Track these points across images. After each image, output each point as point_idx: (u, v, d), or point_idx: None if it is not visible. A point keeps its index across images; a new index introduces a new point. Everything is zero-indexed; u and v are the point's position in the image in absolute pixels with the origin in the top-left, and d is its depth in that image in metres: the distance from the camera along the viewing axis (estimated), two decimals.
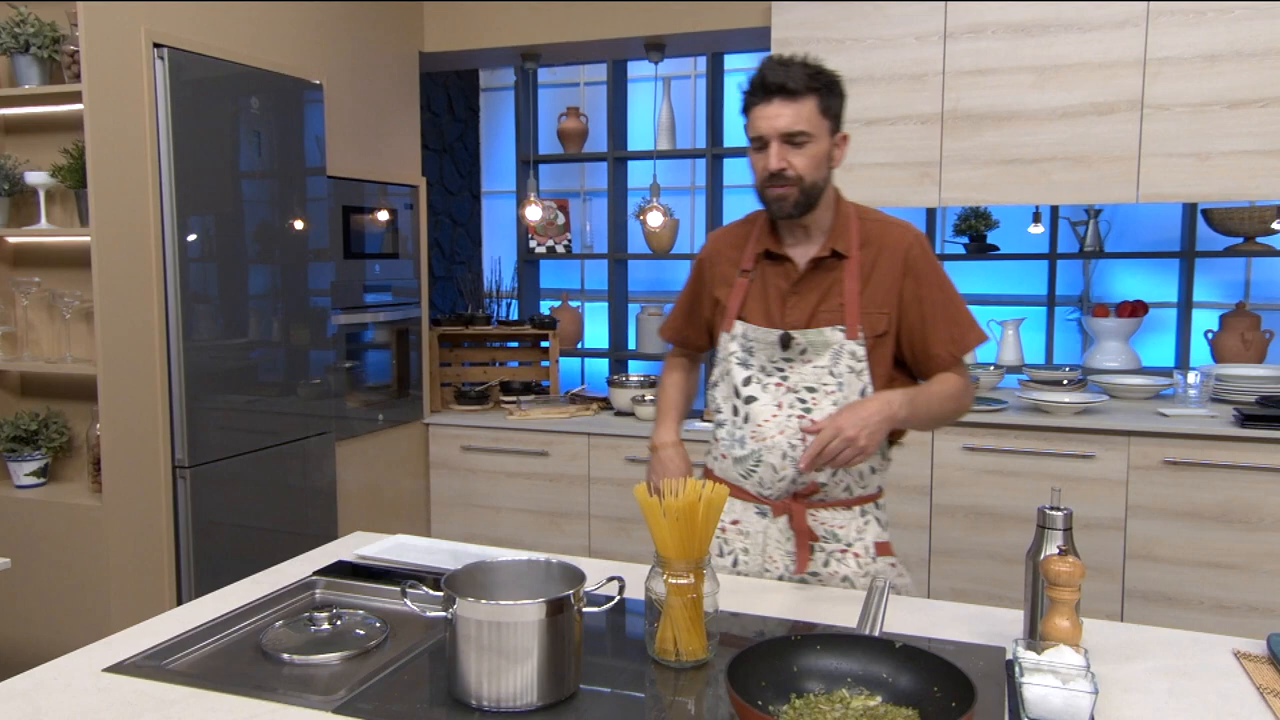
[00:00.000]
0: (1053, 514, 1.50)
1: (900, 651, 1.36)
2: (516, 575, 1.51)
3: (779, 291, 1.89)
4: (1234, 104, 3.03)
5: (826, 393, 1.84)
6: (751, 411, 1.88)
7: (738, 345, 1.91)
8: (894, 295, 1.86)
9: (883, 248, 1.87)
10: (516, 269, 4.77)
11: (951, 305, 1.89)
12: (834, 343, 1.84)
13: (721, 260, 1.98)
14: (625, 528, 3.82)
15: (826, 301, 1.86)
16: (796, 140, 1.76)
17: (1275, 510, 2.99)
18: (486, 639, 1.34)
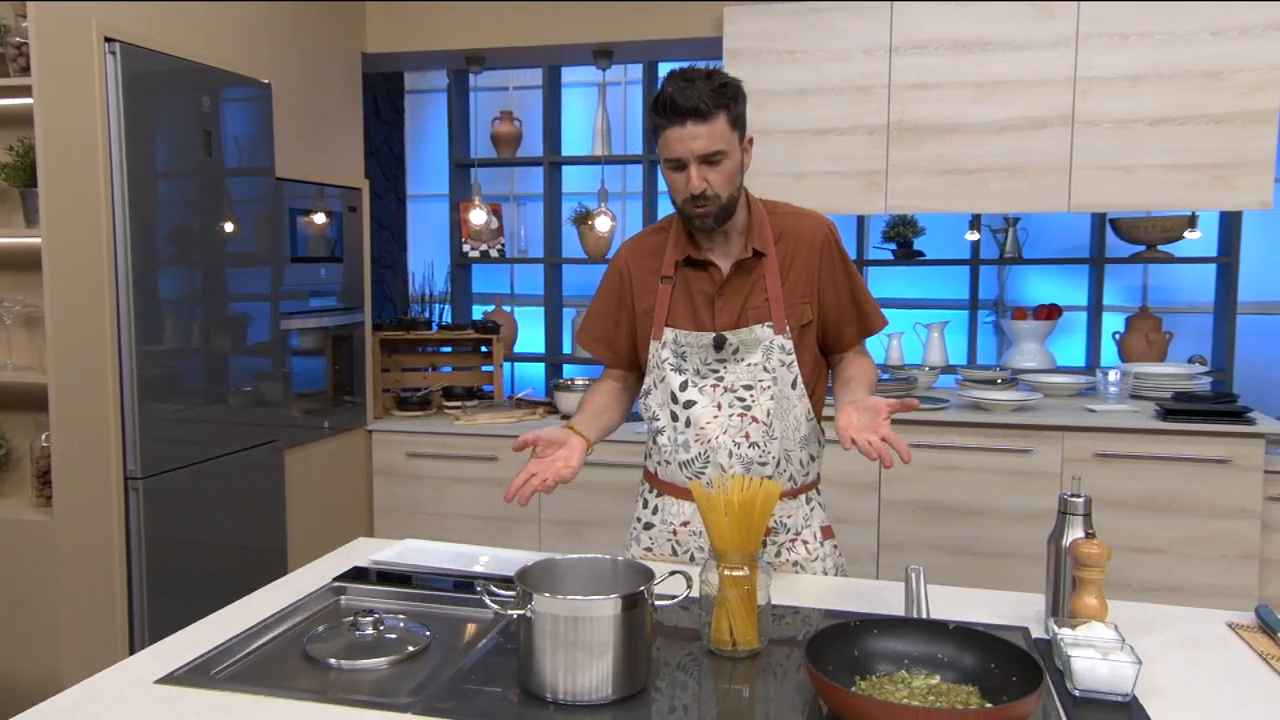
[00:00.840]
0: (1074, 500, 1.62)
1: (955, 633, 1.45)
2: (584, 572, 1.54)
3: (705, 296, 1.92)
4: (1154, 121, 3.28)
5: (763, 388, 1.90)
6: (692, 415, 1.92)
7: (669, 352, 1.93)
8: (813, 284, 1.93)
9: (799, 239, 1.92)
10: (450, 273, 4.74)
11: (860, 291, 1.98)
12: (764, 339, 1.90)
13: (639, 268, 1.98)
14: (577, 530, 3.85)
15: (752, 299, 1.91)
16: (713, 159, 1.78)
17: (1194, 498, 3.25)
18: (564, 633, 1.37)
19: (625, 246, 2.05)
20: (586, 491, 3.83)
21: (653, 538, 2.01)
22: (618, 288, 2.02)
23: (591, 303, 2.09)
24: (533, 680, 1.41)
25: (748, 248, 1.90)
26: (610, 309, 2.03)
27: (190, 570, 3.06)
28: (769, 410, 1.90)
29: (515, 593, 1.43)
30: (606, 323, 2.04)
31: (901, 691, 1.39)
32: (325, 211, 3.71)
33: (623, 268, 2.01)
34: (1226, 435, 3.21)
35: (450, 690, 1.43)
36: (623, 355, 2.05)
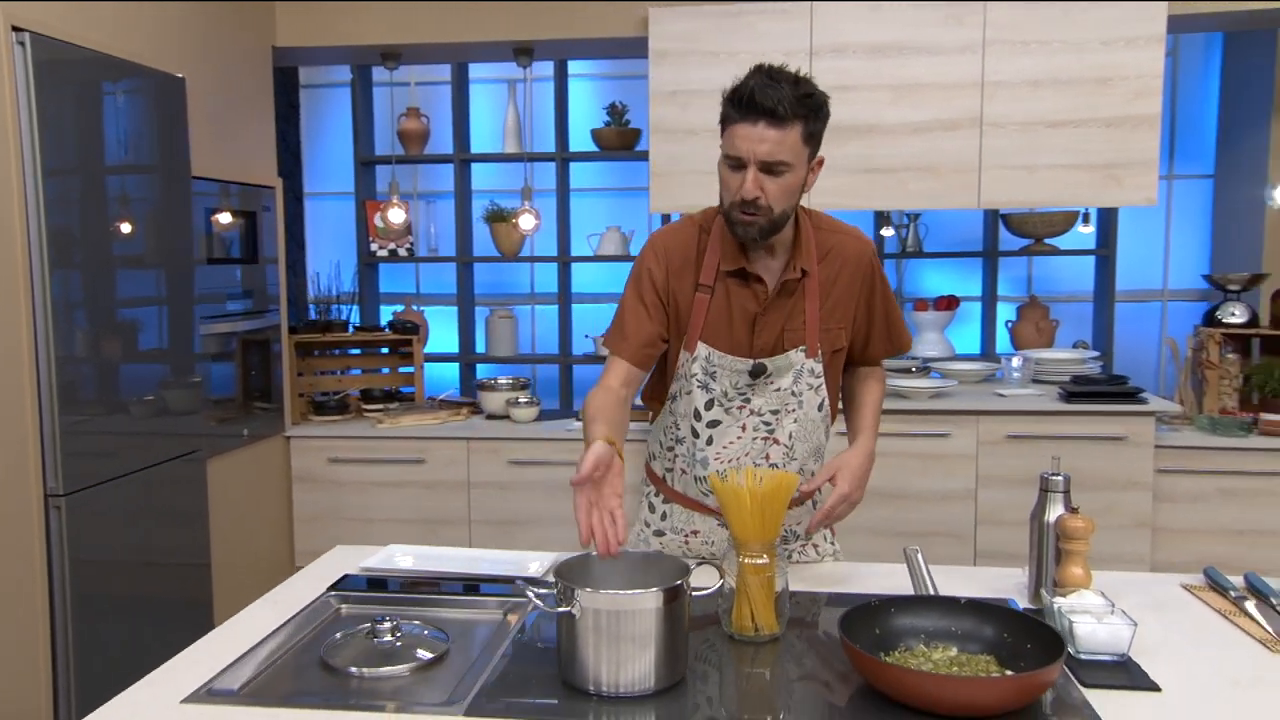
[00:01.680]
0: (1054, 479, 1.75)
1: (967, 607, 1.55)
2: (619, 567, 1.57)
3: (746, 315, 1.83)
4: (1053, 124, 3.51)
5: (788, 411, 1.88)
6: (715, 434, 1.88)
7: (699, 369, 1.86)
8: (851, 309, 1.89)
9: (844, 261, 1.86)
10: (357, 273, 4.64)
11: (894, 312, 1.96)
12: (796, 364, 1.85)
13: (676, 269, 1.85)
14: (507, 530, 3.84)
15: (790, 322, 1.84)
16: (775, 169, 1.68)
17: (1095, 473, 3.50)
18: (608, 627, 1.40)
19: (659, 242, 1.90)
20: (517, 490, 3.83)
21: (664, 544, 2.02)
22: (650, 287, 1.86)
23: (621, 306, 1.91)
24: (576, 674, 1.43)
25: (795, 266, 1.81)
26: (644, 312, 1.86)
27: (115, 590, 2.91)
28: (791, 434, 1.89)
29: (556, 589, 1.46)
30: (639, 313, 1.86)
31: (924, 665, 1.48)
32: (238, 211, 3.58)
33: (654, 264, 1.86)
34: (1122, 414, 3.47)
35: (492, 690, 1.44)
36: (647, 353, 1.87)
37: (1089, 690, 1.41)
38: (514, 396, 3.97)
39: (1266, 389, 3.70)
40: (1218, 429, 3.58)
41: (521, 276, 5.07)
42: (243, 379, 3.66)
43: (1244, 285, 3.76)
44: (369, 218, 4.60)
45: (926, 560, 1.73)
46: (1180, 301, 4.79)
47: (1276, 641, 1.57)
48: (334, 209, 5.02)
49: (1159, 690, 1.41)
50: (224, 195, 3.51)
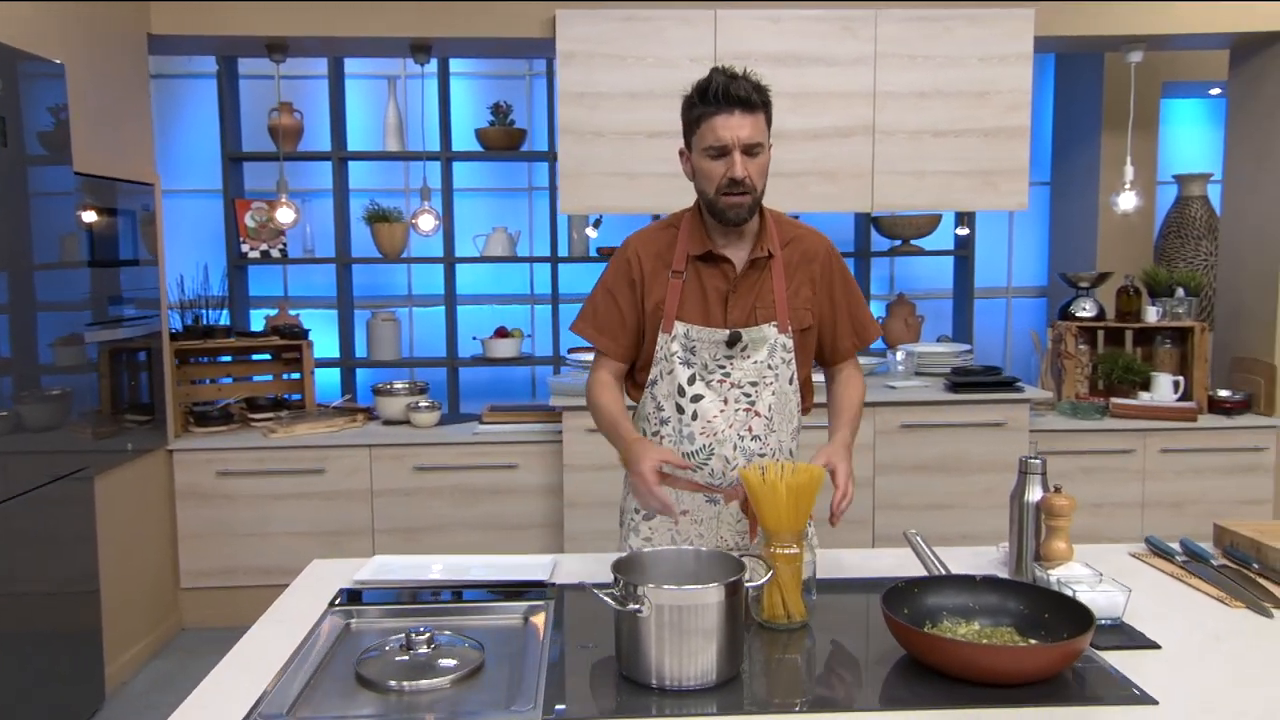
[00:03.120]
0: (1034, 462, 1.91)
1: (982, 584, 1.67)
2: (671, 564, 1.60)
3: (718, 292, 1.98)
4: (938, 134, 3.76)
5: (766, 384, 1.99)
6: (700, 409, 1.99)
7: (679, 345, 1.99)
8: (814, 295, 2.04)
9: (804, 251, 2.04)
10: (226, 275, 4.39)
11: (858, 303, 2.11)
12: (770, 338, 1.99)
13: (649, 261, 2.02)
14: (414, 537, 3.75)
15: (760, 299, 2.00)
16: (754, 151, 1.88)
17: (978, 457, 3.78)
18: (672, 621, 1.43)
19: (634, 240, 2.07)
20: (422, 497, 3.75)
21: (653, 528, 2.06)
22: (627, 279, 2.03)
23: (594, 293, 2.09)
24: (639, 669, 1.45)
25: (761, 247, 1.99)
26: (617, 300, 2.04)
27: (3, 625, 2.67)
28: (770, 405, 2.00)
29: (617, 587, 1.47)
30: (612, 314, 2.04)
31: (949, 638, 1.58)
32: (119, 210, 3.33)
33: (632, 258, 2.03)
34: (1001, 402, 3.77)
35: (558, 694, 1.44)
36: (625, 348, 2.06)
37: (1101, 652, 1.55)
38: (414, 401, 3.88)
39: (1113, 376, 4.10)
40: (1078, 413, 3.94)
41: (398, 278, 4.94)
42: (132, 390, 3.41)
43: (1093, 283, 4.15)
44: (239, 217, 4.37)
45: (926, 539, 1.84)
46: (1022, 298, 5.23)
47: (1231, 599, 1.78)
48: (192, 208, 4.73)
49: (1159, 647, 1.57)
50: (111, 193, 3.26)
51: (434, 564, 1.99)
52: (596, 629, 1.62)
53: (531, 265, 4.89)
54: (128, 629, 3.40)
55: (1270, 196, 4.03)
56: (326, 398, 4.35)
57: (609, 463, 3.70)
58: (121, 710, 3.18)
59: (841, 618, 1.75)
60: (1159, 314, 4.06)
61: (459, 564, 1.99)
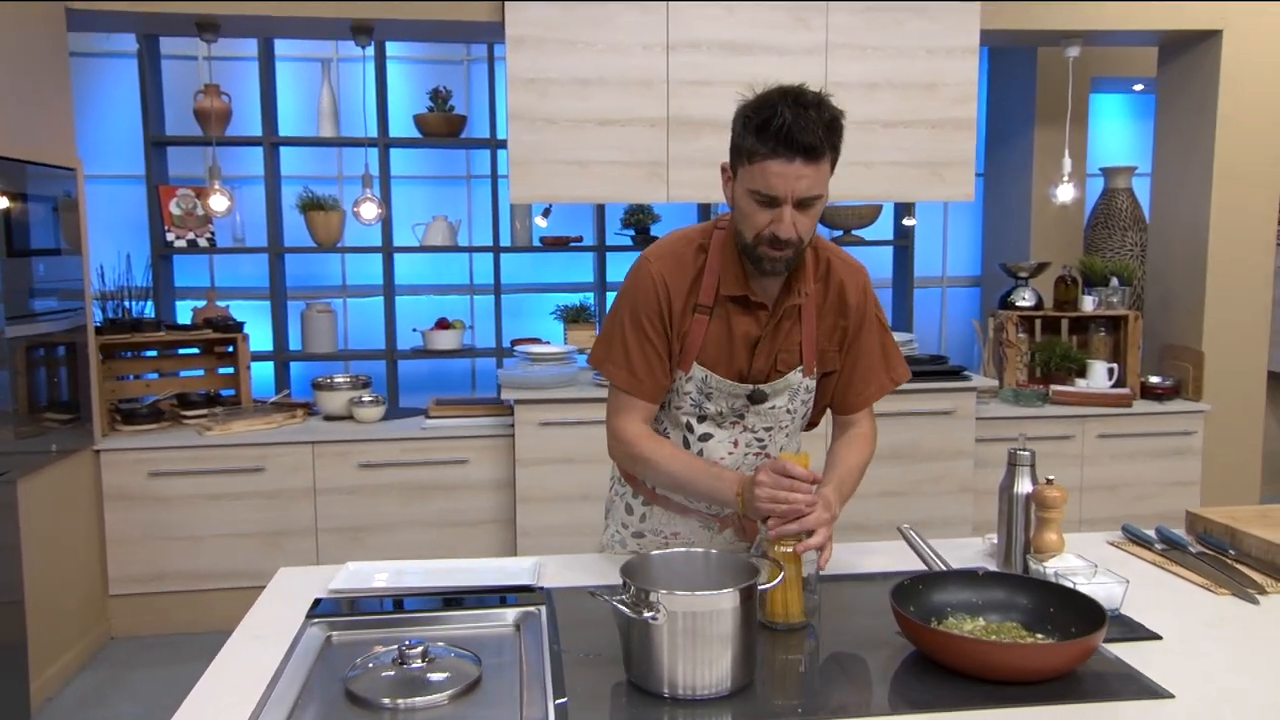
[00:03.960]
0: (1022, 454, 1.90)
1: (985, 578, 1.66)
2: (680, 567, 1.55)
3: (747, 339, 1.78)
4: (887, 124, 3.77)
5: (780, 428, 1.86)
6: (707, 448, 1.86)
7: (694, 388, 1.82)
8: (840, 336, 1.85)
9: (840, 290, 1.83)
10: (150, 265, 4.17)
11: (890, 344, 1.90)
12: (793, 384, 1.83)
13: (677, 289, 1.77)
14: (359, 537, 3.63)
15: (787, 343, 1.81)
16: (810, 203, 1.63)
17: (929, 445, 3.82)
18: (685, 628, 1.39)
19: (656, 263, 1.79)
20: (367, 495, 3.63)
21: (643, 545, 1.99)
22: (657, 309, 1.78)
23: (617, 327, 1.81)
24: (650, 678, 1.40)
25: (798, 290, 1.78)
26: (650, 337, 1.78)
27: None
28: (782, 447, 1.89)
29: (627, 593, 1.41)
30: (647, 353, 1.78)
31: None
32: (36, 196, 3.12)
33: (659, 286, 1.77)
34: (948, 391, 3.81)
35: (565, 707, 1.38)
36: (665, 389, 1.83)
37: (1105, 645, 1.55)
38: (357, 395, 3.75)
39: (1051, 364, 4.19)
40: (1020, 400, 4.02)
41: (331, 268, 4.77)
42: (54, 386, 3.21)
43: (1031, 273, 4.22)
44: (164, 204, 4.16)
45: (921, 534, 1.82)
46: (957, 287, 5.31)
47: (1216, 586, 1.81)
48: (112, 194, 4.48)
49: (1161, 638, 1.58)
50: (28, 178, 3.05)
51: (409, 570, 1.90)
52: (595, 635, 1.56)
53: (472, 255, 4.77)
54: (54, 640, 3.20)
55: (1197, 190, 4.16)
56: (260, 393, 4.18)
57: (562, 456, 3.66)
58: None
59: (840, 616, 1.72)
60: (1095, 303, 4.16)
61: (436, 569, 1.91)
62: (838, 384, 1.90)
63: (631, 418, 1.83)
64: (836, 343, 1.86)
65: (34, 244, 3.10)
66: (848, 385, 1.90)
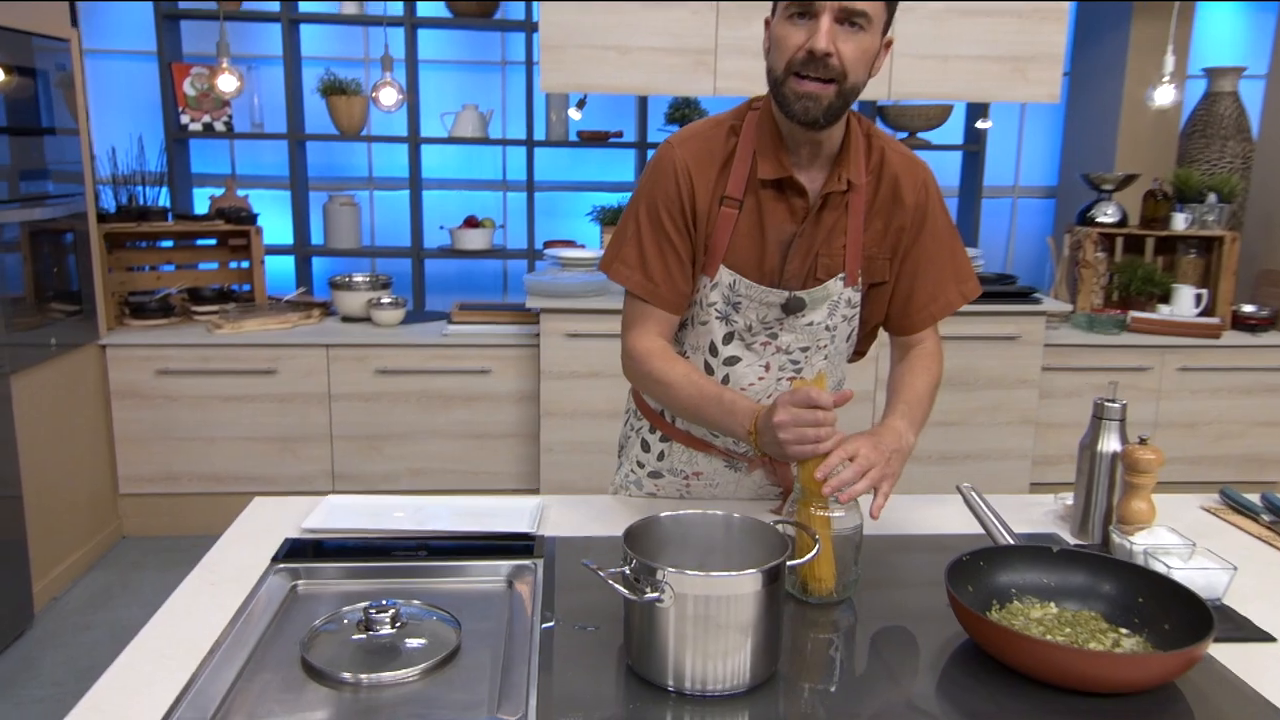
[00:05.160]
0: (1110, 406, 1.61)
1: (1059, 556, 1.39)
2: (696, 534, 1.30)
3: (781, 234, 1.52)
4: (966, 12, 3.36)
5: (819, 348, 1.60)
6: (733, 373, 1.61)
7: (720, 297, 1.56)
8: (894, 241, 1.58)
9: (895, 183, 1.55)
10: (164, 149, 3.93)
11: (955, 257, 1.62)
12: (833, 294, 1.56)
13: (702, 180, 1.52)
14: (375, 445, 3.44)
15: (828, 245, 1.53)
16: (854, 21, 1.36)
17: (989, 371, 3.51)
18: (697, 614, 1.15)
19: (681, 148, 1.53)
20: (384, 402, 3.43)
21: (660, 486, 1.75)
22: (677, 202, 1.52)
23: (632, 223, 1.57)
24: (653, 668, 1.18)
25: (840, 176, 1.49)
26: (669, 234, 1.53)
27: None
28: (819, 371, 1.62)
29: (629, 567, 1.17)
30: (666, 253, 1.53)
31: (1031, 627, 1.32)
32: (18, 68, 2.86)
33: (680, 175, 1.52)
34: (1014, 314, 3.48)
35: (550, 696, 1.15)
36: (685, 296, 1.58)
37: None
38: (375, 297, 3.52)
39: (1131, 287, 3.82)
40: (1094, 326, 3.67)
41: (357, 158, 4.50)
42: (54, 278, 3.01)
43: (1118, 185, 3.82)
44: (177, 84, 3.89)
45: (983, 496, 1.55)
46: (1030, 199, 4.89)
47: None
48: (123, 71, 4.22)
49: (1274, 639, 1.31)
50: (10, 46, 2.79)
51: (396, 508, 1.68)
52: (595, 600, 1.34)
53: (505, 149, 4.46)
54: (61, 539, 3.09)
55: None
56: (278, 289, 3.97)
57: (589, 371, 3.41)
58: (52, 629, 2.89)
59: (880, 585, 1.46)
60: (1187, 221, 3.76)
61: (426, 508, 1.68)
62: (894, 298, 1.62)
63: (645, 330, 1.58)
64: (888, 249, 1.59)
65: (24, 121, 2.86)
66: (908, 299, 1.62)
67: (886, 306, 1.64)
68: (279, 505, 1.70)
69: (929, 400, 1.62)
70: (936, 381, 1.64)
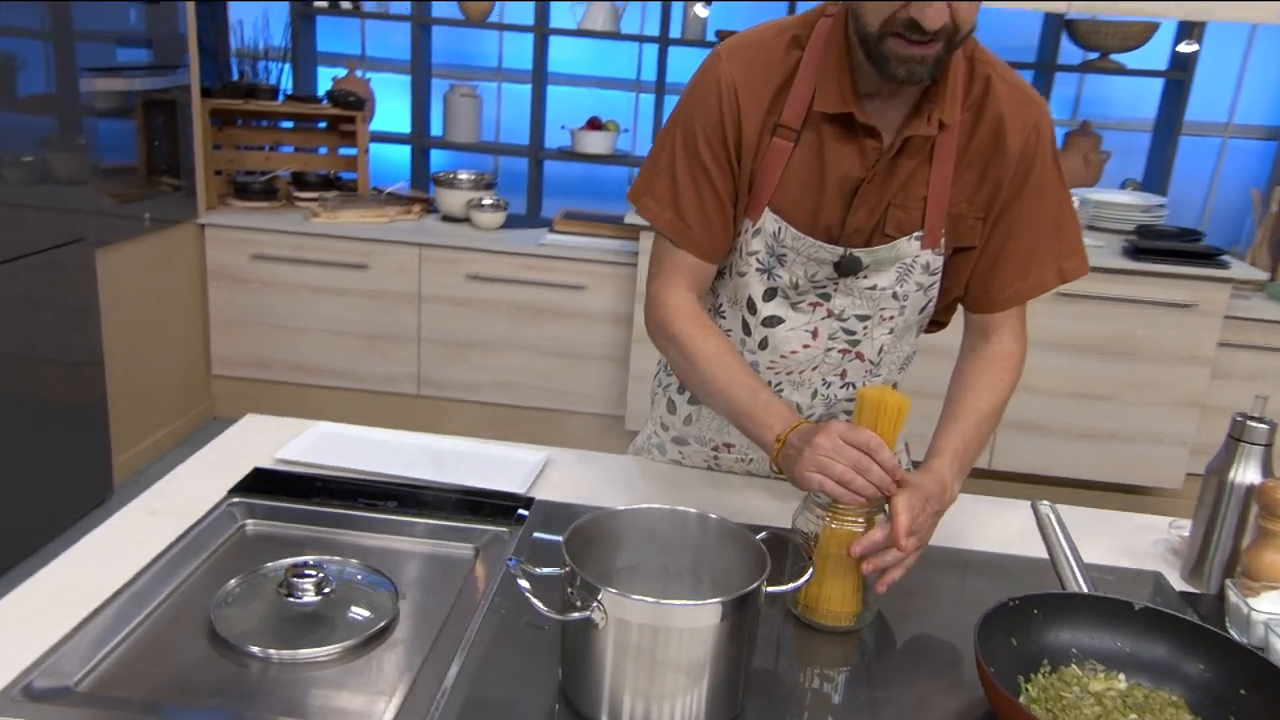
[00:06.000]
0: (1255, 426, 1.25)
1: (1141, 615, 1.08)
2: (653, 535, 1.06)
3: (845, 181, 1.23)
4: None
5: (882, 319, 1.32)
6: (773, 336, 1.34)
7: (762, 246, 1.29)
8: (990, 196, 1.26)
9: (999, 124, 1.23)
10: (289, 24, 3.83)
11: (1061, 225, 1.28)
12: (905, 255, 1.27)
13: (751, 103, 1.23)
14: (462, 353, 3.32)
15: (904, 193, 1.24)
16: None
17: (1152, 343, 3.06)
18: (640, 646, 0.92)
19: (730, 60, 1.24)
20: (474, 309, 3.28)
21: (685, 454, 1.51)
22: (718, 127, 1.24)
23: (665, 148, 1.29)
24: (585, 700, 0.97)
25: (930, 116, 1.19)
26: (705, 165, 1.26)
27: None
28: (882, 347, 1.34)
29: (567, 581, 0.95)
30: (701, 186, 1.27)
31: (1073, 693, 1.04)
32: None
33: (724, 94, 1.23)
34: (1193, 278, 2.99)
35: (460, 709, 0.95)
36: (721, 240, 1.30)
37: None
38: (477, 197, 3.35)
39: None
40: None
41: (488, 47, 4.30)
42: (153, 151, 2.97)
43: None
44: None
45: (1062, 521, 1.23)
46: (1243, 139, 4.21)
47: None
48: None
49: None
50: None
51: (387, 445, 1.51)
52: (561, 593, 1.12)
53: (640, 45, 4.15)
54: (147, 415, 3.12)
55: None
56: (389, 179, 3.85)
57: None
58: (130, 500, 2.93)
59: (907, 618, 1.19)
60: None
61: (423, 448, 1.50)
62: (978, 266, 1.30)
63: (674, 281, 1.31)
64: (980, 206, 1.27)
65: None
66: (991, 270, 1.29)
67: (966, 279, 1.31)
68: (274, 424, 1.56)
69: (989, 428, 1.29)
70: (1003, 399, 1.31)
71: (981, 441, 1.27)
